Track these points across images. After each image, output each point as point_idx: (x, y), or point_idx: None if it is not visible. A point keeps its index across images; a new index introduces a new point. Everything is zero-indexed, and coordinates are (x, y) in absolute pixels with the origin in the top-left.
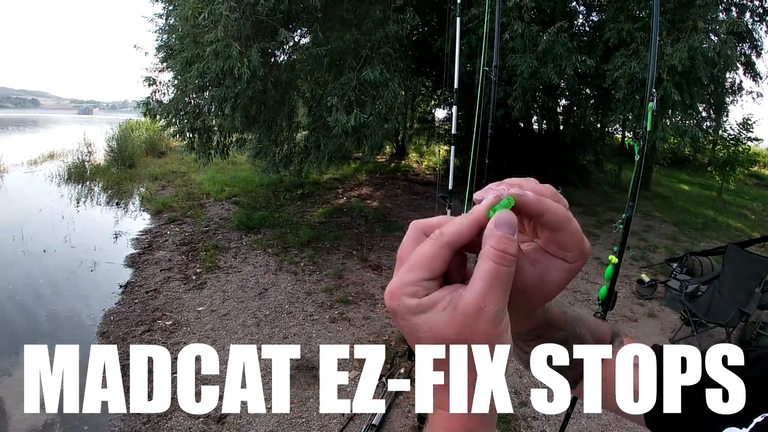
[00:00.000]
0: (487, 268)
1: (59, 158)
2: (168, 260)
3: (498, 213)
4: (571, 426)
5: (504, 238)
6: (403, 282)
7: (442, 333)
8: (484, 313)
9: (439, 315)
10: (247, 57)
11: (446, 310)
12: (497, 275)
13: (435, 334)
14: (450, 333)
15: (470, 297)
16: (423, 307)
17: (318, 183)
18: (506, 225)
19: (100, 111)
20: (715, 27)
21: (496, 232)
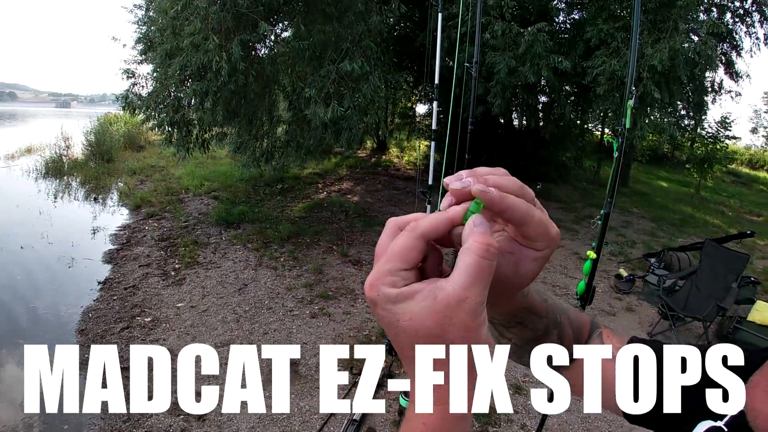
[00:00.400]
0: (471, 261)
1: (37, 152)
2: (147, 256)
3: (473, 217)
4: (551, 418)
5: (484, 235)
6: (381, 272)
7: (422, 323)
8: (465, 304)
9: (419, 305)
10: (226, 50)
11: (426, 299)
12: (480, 268)
13: (414, 324)
14: (429, 323)
15: (452, 288)
16: (403, 296)
17: (298, 178)
18: (483, 224)
19: (79, 104)
20: (696, 27)
21: (478, 229)
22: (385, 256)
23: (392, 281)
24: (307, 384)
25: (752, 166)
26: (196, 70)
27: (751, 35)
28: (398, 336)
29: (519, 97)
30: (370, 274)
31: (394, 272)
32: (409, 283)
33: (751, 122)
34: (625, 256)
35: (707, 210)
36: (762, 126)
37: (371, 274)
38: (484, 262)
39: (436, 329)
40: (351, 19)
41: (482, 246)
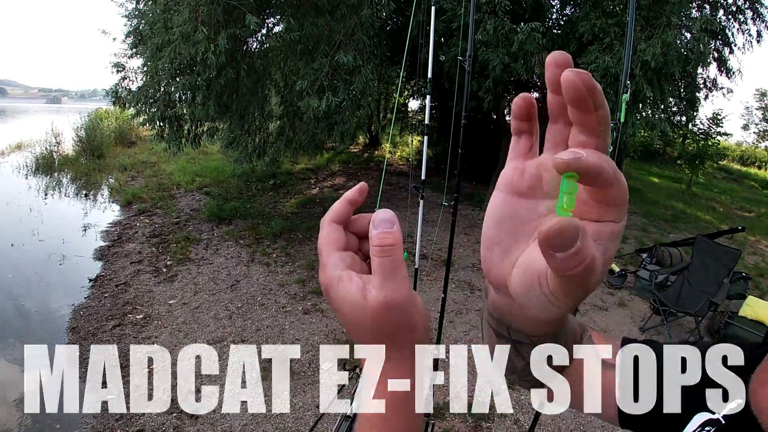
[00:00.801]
0: (375, 263)
1: (27, 149)
2: (138, 253)
3: (374, 214)
4: (544, 415)
5: (380, 234)
6: (324, 263)
7: (360, 320)
8: (393, 307)
9: (356, 299)
10: (214, 43)
11: (358, 297)
12: (383, 266)
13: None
14: (368, 321)
15: (373, 291)
16: (342, 287)
17: (291, 173)
18: (383, 222)
19: (69, 100)
20: (689, 24)
21: (373, 232)
22: (321, 250)
23: (333, 264)
24: (300, 380)
25: (743, 163)
26: (186, 64)
27: (743, 32)
28: (347, 324)
29: (511, 93)
30: (320, 270)
31: (330, 255)
32: (348, 263)
33: (742, 119)
34: (617, 252)
35: (699, 206)
36: (753, 123)
37: (320, 270)
38: (384, 260)
39: (373, 326)
40: (343, 12)
41: (375, 248)
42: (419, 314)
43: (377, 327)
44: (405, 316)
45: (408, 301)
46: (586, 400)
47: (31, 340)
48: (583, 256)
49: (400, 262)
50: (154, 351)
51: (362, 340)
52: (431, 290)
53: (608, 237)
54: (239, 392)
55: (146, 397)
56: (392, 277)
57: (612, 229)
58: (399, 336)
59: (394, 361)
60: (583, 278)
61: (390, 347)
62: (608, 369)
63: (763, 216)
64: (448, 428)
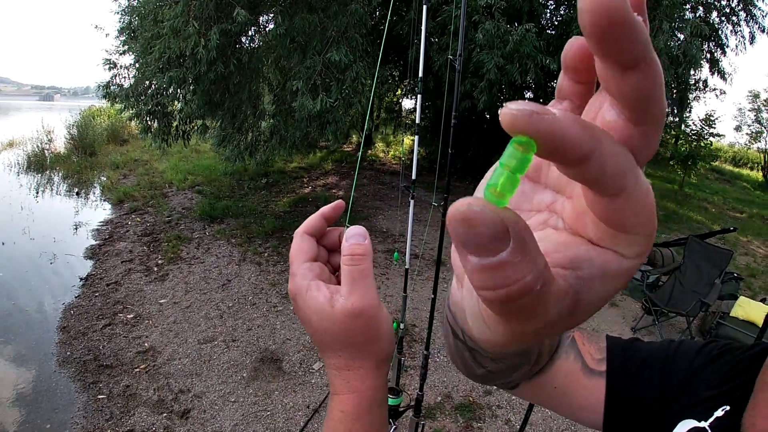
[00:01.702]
0: (344, 272)
1: (19, 146)
2: (129, 251)
3: (348, 229)
4: (535, 414)
5: (351, 246)
6: (293, 272)
7: (327, 328)
8: (361, 316)
9: (323, 308)
10: (205, 38)
11: (326, 306)
12: (351, 274)
13: (323, 326)
14: (335, 329)
15: (341, 299)
16: (311, 296)
17: (283, 172)
18: (355, 236)
19: (62, 97)
20: (682, 26)
21: (345, 243)
22: (292, 259)
23: (302, 274)
24: (291, 381)
25: (735, 164)
26: (175, 58)
27: (736, 33)
28: (314, 334)
29: (505, 94)
30: (289, 279)
31: (298, 267)
32: (317, 273)
33: (735, 120)
34: None
35: (691, 206)
36: (746, 124)
37: (290, 278)
38: (352, 269)
39: (339, 334)
40: (335, 9)
41: (346, 257)
42: (385, 323)
43: (343, 335)
44: (371, 323)
45: (374, 310)
46: (563, 407)
47: (21, 339)
48: (510, 276)
49: (368, 272)
50: (145, 351)
51: (329, 349)
52: (423, 290)
53: (601, 273)
54: (230, 392)
55: (136, 397)
56: (360, 285)
57: (614, 265)
58: (364, 345)
59: (359, 370)
60: (516, 309)
61: (355, 356)
62: (595, 376)
63: (755, 217)
64: (439, 428)
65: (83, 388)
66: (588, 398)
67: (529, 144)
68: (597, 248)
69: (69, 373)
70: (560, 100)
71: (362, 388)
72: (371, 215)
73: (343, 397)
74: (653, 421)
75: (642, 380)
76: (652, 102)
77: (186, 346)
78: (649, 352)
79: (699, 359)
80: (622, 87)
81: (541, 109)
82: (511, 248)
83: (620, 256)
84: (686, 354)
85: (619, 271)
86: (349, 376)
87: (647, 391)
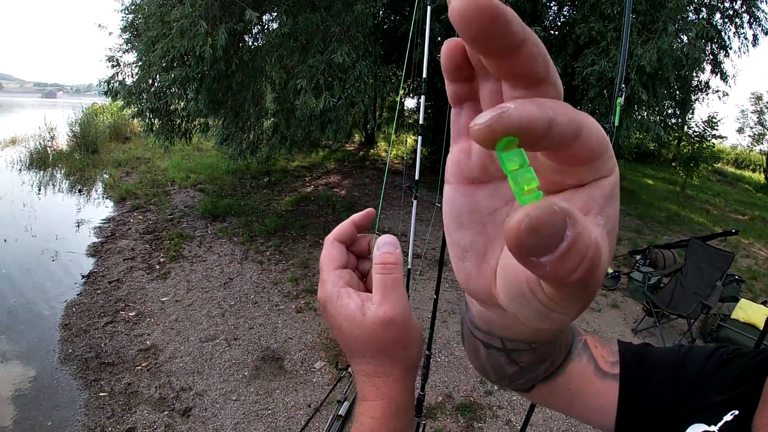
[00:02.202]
0: (376, 280)
1: (21, 143)
2: (131, 249)
3: (379, 237)
4: (536, 414)
5: (383, 255)
6: (323, 279)
7: (358, 335)
8: (393, 324)
9: (354, 316)
10: (212, 37)
11: (357, 313)
12: (384, 283)
13: (353, 333)
14: (366, 336)
15: (373, 307)
16: (342, 304)
17: (285, 171)
18: (387, 244)
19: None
20: (686, 28)
21: (376, 252)
22: (321, 266)
23: (333, 281)
24: (293, 379)
25: (738, 166)
26: (179, 57)
27: (740, 36)
28: (344, 340)
29: None
30: (319, 286)
31: (328, 274)
32: (347, 280)
33: (737, 122)
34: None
35: (693, 208)
36: (748, 126)
37: (320, 285)
38: (385, 277)
39: (370, 342)
40: (338, 8)
41: (378, 266)
42: (415, 331)
43: (374, 342)
44: (401, 332)
45: (405, 318)
46: (576, 409)
47: (23, 336)
48: (582, 249)
49: (400, 281)
50: (146, 348)
51: (358, 356)
52: (424, 290)
53: (603, 199)
54: (231, 390)
55: (138, 395)
56: (391, 293)
57: (604, 187)
58: (394, 352)
59: (388, 377)
60: (590, 275)
61: (384, 363)
62: (608, 379)
63: (757, 219)
64: (440, 428)
65: (85, 386)
66: (601, 400)
67: (511, 141)
68: (585, 187)
69: (70, 370)
70: (459, 107)
71: (391, 394)
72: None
73: (372, 404)
74: (664, 425)
75: (653, 384)
76: (541, 61)
77: (188, 344)
78: (660, 356)
79: (710, 363)
80: (515, 68)
81: (499, 108)
82: (571, 227)
83: (603, 177)
84: (697, 358)
85: (611, 187)
86: (378, 383)
87: (659, 396)
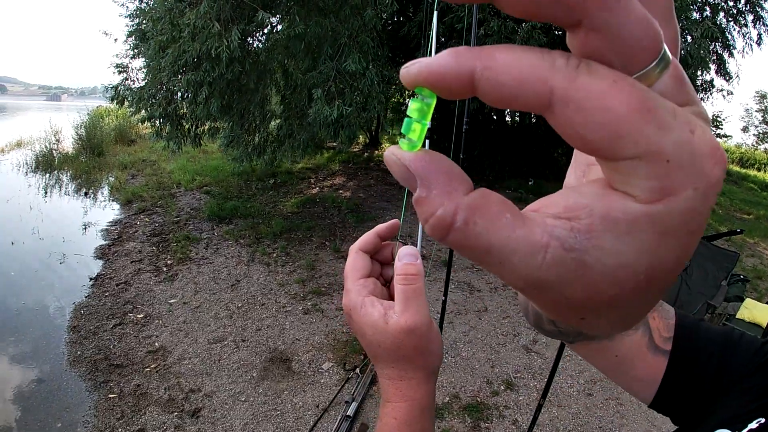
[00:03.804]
0: (397, 290)
1: (27, 147)
2: (138, 252)
3: (400, 249)
4: (542, 415)
5: (404, 266)
6: (348, 288)
7: (381, 341)
8: (414, 333)
9: (378, 324)
10: (226, 38)
11: (380, 321)
12: (405, 293)
13: (377, 339)
14: (388, 343)
15: (395, 317)
16: (365, 312)
17: (291, 173)
18: (408, 255)
19: (69, 97)
20: (690, 26)
21: (398, 263)
22: (346, 275)
23: (357, 290)
24: (301, 380)
25: (742, 165)
26: (192, 61)
27: (744, 36)
28: (368, 346)
29: None
30: (344, 294)
31: (353, 283)
32: (371, 289)
33: (742, 121)
34: None
35: None
36: (753, 125)
37: (344, 294)
38: (407, 288)
39: (393, 348)
40: (347, 13)
41: (400, 276)
42: (435, 339)
43: (396, 349)
44: (422, 340)
45: (426, 327)
46: (618, 375)
47: (32, 339)
48: (425, 210)
49: (421, 291)
50: (155, 350)
51: (382, 361)
52: (431, 291)
53: (604, 224)
54: (240, 391)
55: (147, 396)
56: (413, 303)
57: (618, 210)
58: (416, 359)
59: (411, 380)
60: (468, 253)
61: (407, 368)
62: (659, 354)
63: (762, 218)
64: (447, 428)
65: (94, 387)
66: (647, 373)
67: (427, 94)
68: (603, 194)
69: (79, 372)
70: None
71: (414, 397)
72: (379, 216)
73: (396, 405)
74: (694, 415)
75: (698, 369)
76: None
77: (196, 346)
78: (709, 341)
79: (753, 360)
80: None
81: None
82: (418, 185)
83: (626, 197)
84: (744, 353)
85: (627, 218)
86: (401, 386)
87: (700, 382)
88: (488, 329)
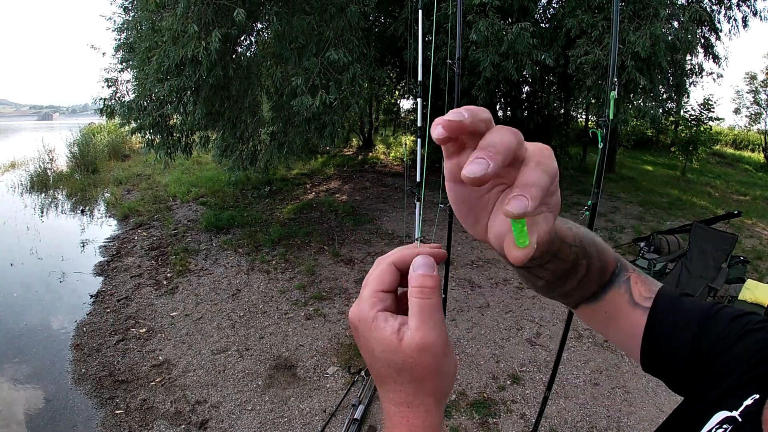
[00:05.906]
0: (412, 304)
1: (21, 167)
2: (138, 266)
3: (415, 258)
4: (550, 405)
5: (420, 277)
6: (361, 298)
7: (392, 359)
8: (428, 351)
9: (389, 340)
10: (206, 41)
11: (393, 337)
12: (421, 308)
13: (386, 357)
14: (399, 361)
15: (409, 333)
16: (377, 326)
17: (286, 179)
18: (423, 266)
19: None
20: (677, 11)
21: (413, 274)
22: (364, 283)
23: (372, 302)
24: (306, 386)
25: (736, 146)
26: (174, 66)
27: (729, 18)
28: (374, 364)
29: (503, 89)
30: (355, 303)
31: (372, 294)
32: (387, 304)
33: (733, 103)
34: (615, 242)
35: (694, 192)
36: (744, 106)
37: (355, 303)
38: (423, 302)
39: (403, 368)
40: (331, 13)
41: (415, 289)
42: (451, 360)
43: (408, 369)
44: (437, 360)
45: (442, 345)
46: (612, 332)
47: (35, 359)
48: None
49: (438, 306)
50: (159, 364)
51: (388, 383)
52: None
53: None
54: (246, 400)
55: (154, 410)
56: (429, 319)
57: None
58: (428, 381)
59: (419, 408)
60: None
61: (417, 392)
62: (638, 309)
63: (759, 199)
64: (455, 426)
65: (100, 404)
66: (632, 327)
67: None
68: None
69: (85, 389)
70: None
71: (421, 426)
72: (376, 217)
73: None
74: (685, 382)
75: (677, 326)
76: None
77: (200, 357)
78: (692, 305)
79: (733, 327)
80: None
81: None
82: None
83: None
84: (723, 319)
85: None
86: (408, 414)
87: (678, 339)
88: (491, 325)
